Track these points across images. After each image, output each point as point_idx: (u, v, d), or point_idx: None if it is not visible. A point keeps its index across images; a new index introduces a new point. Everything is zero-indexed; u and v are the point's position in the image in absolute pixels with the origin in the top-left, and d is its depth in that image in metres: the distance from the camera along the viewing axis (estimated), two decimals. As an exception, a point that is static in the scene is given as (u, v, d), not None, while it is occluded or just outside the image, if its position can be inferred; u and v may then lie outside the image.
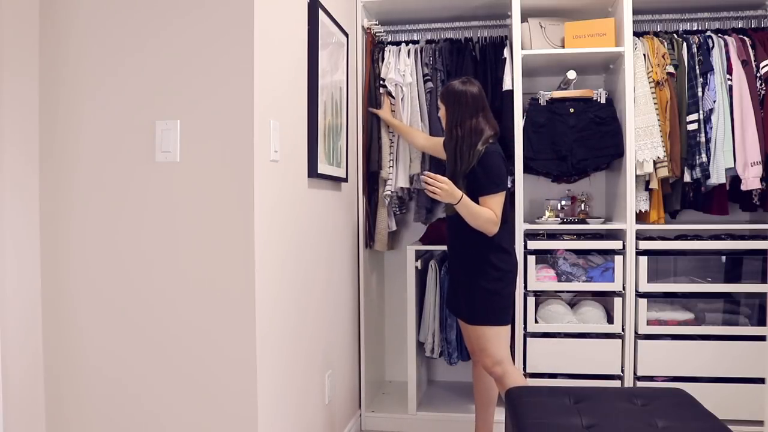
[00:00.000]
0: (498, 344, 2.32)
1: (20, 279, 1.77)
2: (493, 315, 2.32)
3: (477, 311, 2.33)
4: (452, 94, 2.32)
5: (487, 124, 2.30)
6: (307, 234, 2.23)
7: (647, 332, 2.74)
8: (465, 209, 2.21)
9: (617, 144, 2.82)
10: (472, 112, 2.29)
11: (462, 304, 2.39)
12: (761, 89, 2.76)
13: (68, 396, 1.85)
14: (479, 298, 2.32)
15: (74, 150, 1.83)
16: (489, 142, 2.27)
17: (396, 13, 3.11)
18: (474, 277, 2.32)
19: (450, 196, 2.18)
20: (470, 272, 2.33)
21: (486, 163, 2.24)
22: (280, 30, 1.95)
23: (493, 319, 2.32)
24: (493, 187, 2.23)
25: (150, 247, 1.79)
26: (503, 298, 2.34)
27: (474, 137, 2.27)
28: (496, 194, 2.23)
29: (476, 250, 2.31)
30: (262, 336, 1.78)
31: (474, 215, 2.22)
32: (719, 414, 1.86)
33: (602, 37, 2.82)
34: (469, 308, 2.36)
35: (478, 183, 2.24)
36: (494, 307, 2.32)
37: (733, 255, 2.77)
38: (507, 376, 2.31)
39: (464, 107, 2.29)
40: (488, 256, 2.30)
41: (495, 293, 2.31)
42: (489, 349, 2.32)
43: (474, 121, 2.28)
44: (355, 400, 2.94)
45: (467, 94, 2.29)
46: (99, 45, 1.81)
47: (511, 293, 2.40)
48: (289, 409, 2.02)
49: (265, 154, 1.81)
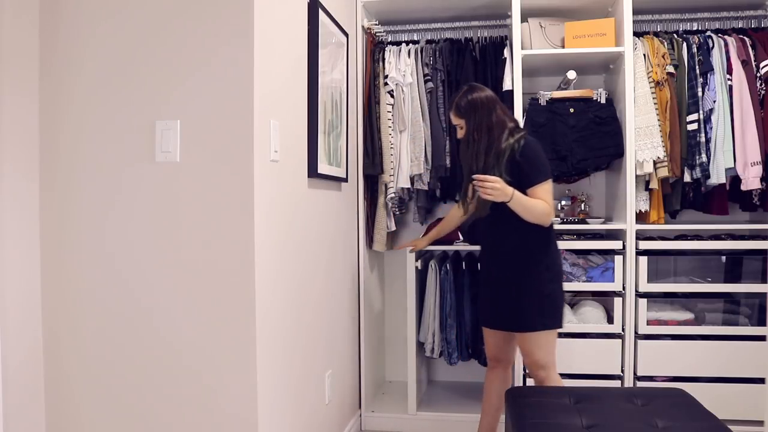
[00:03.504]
0: (547, 349, 2.23)
1: (20, 279, 1.77)
2: (547, 319, 2.21)
3: (528, 317, 2.20)
4: (464, 106, 2.25)
5: (506, 117, 2.26)
6: (307, 234, 2.23)
7: (647, 332, 2.74)
8: (519, 204, 2.13)
9: (617, 144, 2.82)
10: (489, 110, 2.23)
11: (505, 311, 2.25)
12: (761, 89, 2.76)
13: (68, 396, 1.85)
14: (533, 303, 2.20)
15: (74, 150, 1.83)
16: (516, 132, 2.22)
17: (396, 13, 3.11)
18: (524, 280, 2.20)
19: (503, 194, 2.10)
20: (520, 275, 2.21)
21: (527, 154, 2.17)
22: (280, 30, 1.95)
23: (547, 323, 2.21)
24: (540, 175, 2.17)
25: (150, 247, 1.79)
26: (557, 299, 2.25)
27: (496, 131, 2.21)
28: (544, 182, 2.17)
29: (526, 250, 2.21)
30: (262, 336, 1.78)
31: (529, 209, 2.14)
32: (719, 414, 1.86)
33: (602, 37, 2.82)
34: (518, 315, 2.22)
35: (524, 175, 2.17)
36: (548, 311, 2.21)
37: (733, 255, 2.77)
38: (548, 382, 2.24)
39: (479, 109, 2.23)
40: (540, 256, 2.21)
41: (548, 295, 2.21)
42: (537, 354, 2.22)
43: (494, 117, 2.22)
44: (355, 400, 2.94)
45: (478, 99, 2.24)
46: (99, 45, 1.81)
47: (563, 293, 2.29)
48: (289, 409, 2.02)
49: (265, 154, 1.81)
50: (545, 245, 2.23)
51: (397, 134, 2.98)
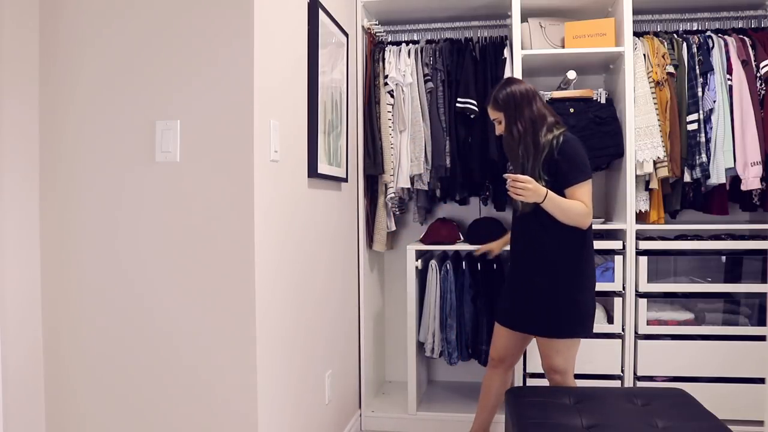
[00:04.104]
0: (567, 356, 2.17)
1: (20, 279, 1.77)
2: (576, 327, 2.14)
3: (556, 323, 2.13)
4: (502, 98, 2.20)
5: (546, 110, 2.19)
6: (307, 234, 2.23)
7: (647, 332, 2.74)
8: (554, 206, 2.06)
9: (617, 144, 2.82)
10: (529, 101, 2.17)
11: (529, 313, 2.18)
12: (761, 89, 2.76)
13: (68, 395, 1.85)
14: (563, 309, 2.12)
15: (74, 150, 1.83)
16: (557, 128, 2.15)
17: (396, 13, 3.12)
18: (557, 284, 2.12)
19: (535, 194, 2.03)
20: (553, 279, 2.13)
21: (566, 151, 2.09)
22: (280, 30, 1.95)
23: (574, 332, 2.15)
24: (580, 175, 2.08)
25: (150, 247, 1.79)
26: (590, 308, 2.16)
27: (538, 124, 2.14)
28: (583, 182, 2.08)
29: (561, 253, 2.12)
30: (262, 336, 1.78)
31: (564, 210, 2.06)
32: (719, 414, 1.86)
33: (602, 37, 2.82)
34: (545, 319, 2.14)
35: (562, 174, 2.09)
36: (577, 319, 2.14)
37: (733, 255, 2.77)
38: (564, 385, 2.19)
39: (518, 101, 2.16)
40: (576, 261, 2.13)
41: (580, 303, 2.13)
42: (555, 360, 2.17)
43: (534, 108, 2.16)
44: (355, 400, 2.94)
45: (516, 91, 2.18)
46: (99, 45, 1.81)
47: (595, 301, 2.19)
48: (289, 409, 2.02)
49: (265, 154, 1.81)
50: (580, 248, 2.13)
51: (397, 134, 2.98)
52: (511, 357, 2.37)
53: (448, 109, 2.98)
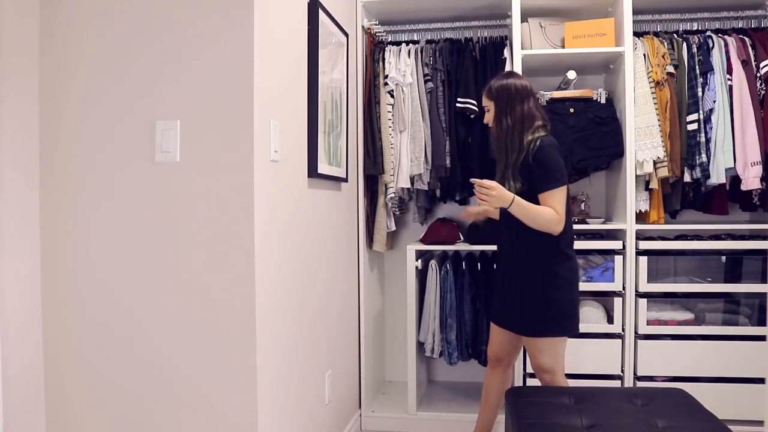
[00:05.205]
0: (551, 354, 2.17)
1: (20, 280, 1.77)
2: (551, 326, 2.16)
3: (531, 322, 2.17)
4: (496, 88, 2.20)
5: (537, 111, 2.18)
6: (307, 234, 2.23)
7: (647, 332, 2.74)
8: (520, 211, 2.06)
9: (617, 144, 2.82)
10: (522, 98, 2.16)
11: (513, 313, 2.23)
12: (761, 89, 2.76)
13: (68, 396, 1.85)
14: (536, 309, 2.15)
15: (74, 150, 1.83)
16: (539, 131, 2.14)
17: (396, 13, 3.12)
18: (531, 286, 2.16)
19: (500, 200, 2.04)
20: (528, 281, 2.17)
21: (541, 157, 2.08)
22: (280, 30, 1.95)
23: (550, 330, 2.16)
24: (552, 181, 2.07)
25: (150, 247, 1.79)
26: (565, 306, 2.16)
27: (526, 122, 2.14)
28: (556, 189, 2.07)
29: (535, 257, 2.15)
30: (263, 336, 1.78)
31: (532, 217, 2.06)
32: (719, 414, 1.86)
33: (602, 37, 2.82)
34: (523, 319, 2.19)
35: (535, 179, 2.09)
36: (552, 318, 2.15)
37: (733, 255, 2.77)
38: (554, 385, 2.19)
39: (512, 96, 2.16)
40: (549, 265, 2.14)
41: (554, 303, 2.14)
42: (540, 358, 2.19)
43: (525, 107, 2.15)
44: (355, 400, 2.94)
45: (512, 85, 2.18)
46: (99, 45, 1.81)
47: (573, 300, 2.19)
48: (289, 409, 2.02)
49: (265, 154, 1.81)
50: (554, 252, 2.14)
51: (397, 134, 2.98)
52: (507, 355, 2.39)
53: (448, 109, 2.98)
